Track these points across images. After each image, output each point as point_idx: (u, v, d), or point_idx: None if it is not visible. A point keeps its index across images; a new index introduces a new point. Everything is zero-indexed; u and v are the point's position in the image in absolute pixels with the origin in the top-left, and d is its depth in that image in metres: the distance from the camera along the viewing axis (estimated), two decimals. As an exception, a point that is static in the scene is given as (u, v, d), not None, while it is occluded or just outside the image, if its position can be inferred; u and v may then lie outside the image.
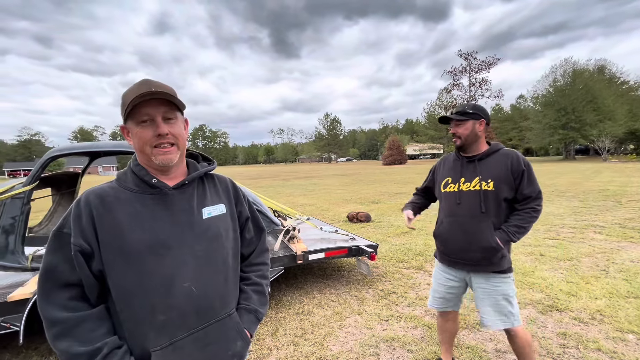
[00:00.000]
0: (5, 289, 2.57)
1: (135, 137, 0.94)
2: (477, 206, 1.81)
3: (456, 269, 1.97)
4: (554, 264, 4.23)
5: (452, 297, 2.04)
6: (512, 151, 1.86)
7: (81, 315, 0.86)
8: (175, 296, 0.91)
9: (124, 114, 0.92)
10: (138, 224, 0.91)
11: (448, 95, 49.01)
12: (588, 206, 8.21)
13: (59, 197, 4.16)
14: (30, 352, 2.65)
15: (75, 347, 0.83)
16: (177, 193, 0.99)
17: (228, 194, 1.13)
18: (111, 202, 0.91)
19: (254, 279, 1.16)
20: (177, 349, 0.91)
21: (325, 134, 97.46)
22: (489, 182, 1.80)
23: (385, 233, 6.27)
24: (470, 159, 1.91)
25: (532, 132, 47.87)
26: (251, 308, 1.09)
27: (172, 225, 0.95)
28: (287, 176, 28.63)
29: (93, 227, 0.88)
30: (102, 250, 0.88)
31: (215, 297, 0.99)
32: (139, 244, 0.89)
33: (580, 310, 2.99)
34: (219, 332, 0.98)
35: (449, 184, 1.95)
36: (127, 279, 0.89)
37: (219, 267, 1.02)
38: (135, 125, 0.93)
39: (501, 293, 1.84)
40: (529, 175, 1.79)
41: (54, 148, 3.06)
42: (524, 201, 1.80)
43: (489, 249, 1.77)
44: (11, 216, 2.79)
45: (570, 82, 43.03)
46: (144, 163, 0.99)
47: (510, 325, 1.85)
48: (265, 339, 2.74)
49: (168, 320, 0.91)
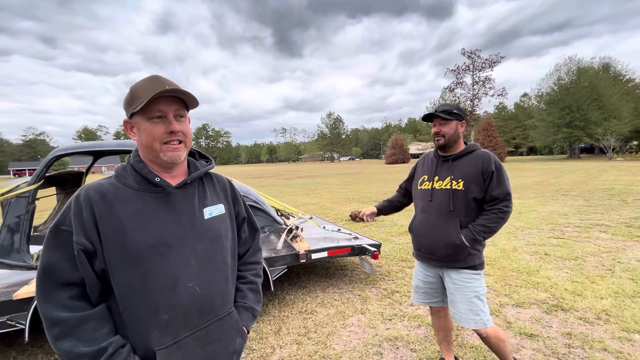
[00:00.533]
0: (10, 288, 2.59)
1: (144, 133, 0.92)
2: (446, 204, 1.87)
3: (429, 265, 2.04)
4: (559, 263, 4.20)
5: (434, 292, 2.09)
6: (485, 152, 1.90)
7: (83, 315, 0.85)
8: (179, 296, 0.92)
9: (132, 108, 0.90)
10: (141, 223, 0.90)
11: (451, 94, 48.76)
12: (593, 205, 8.14)
13: (63, 196, 4.18)
14: (35, 349, 2.67)
15: (78, 348, 0.82)
16: (180, 192, 0.99)
17: (226, 194, 1.14)
18: (112, 200, 0.90)
19: (249, 277, 1.17)
20: (180, 347, 0.92)
21: (327, 133, 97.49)
22: (459, 182, 1.85)
23: (389, 232, 6.26)
24: (445, 158, 1.96)
25: (536, 131, 47.57)
26: (248, 306, 1.11)
27: (174, 225, 0.95)
28: (290, 175, 28.65)
29: (95, 225, 0.87)
30: (105, 249, 0.87)
31: (216, 296, 1.00)
32: (142, 243, 0.89)
33: (586, 310, 2.97)
34: (220, 330, 1.00)
35: (425, 182, 2.02)
36: (131, 278, 0.88)
37: (219, 267, 1.02)
38: (145, 120, 0.92)
39: (472, 290, 1.87)
40: (499, 176, 1.82)
41: (58, 147, 3.08)
42: (492, 202, 1.84)
43: (453, 245, 1.83)
44: (16, 215, 2.81)
45: (575, 80, 42.67)
46: (148, 159, 0.97)
47: (482, 326, 1.86)
48: (268, 337, 2.74)
49: (172, 319, 0.91)
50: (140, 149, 0.97)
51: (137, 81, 0.95)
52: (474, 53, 46.37)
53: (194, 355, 0.94)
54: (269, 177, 28.13)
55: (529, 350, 2.42)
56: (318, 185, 17.83)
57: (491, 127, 46.23)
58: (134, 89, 0.92)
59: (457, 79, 47.61)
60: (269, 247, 3.54)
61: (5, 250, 2.76)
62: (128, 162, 0.99)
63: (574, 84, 42.57)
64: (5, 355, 2.61)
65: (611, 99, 40.39)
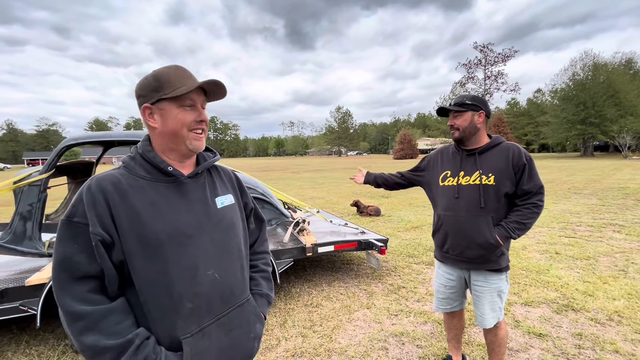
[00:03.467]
0: (23, 274, 2.65)
1: (174, 119, 0.92)
2: (476, 201, 1.76)
3: (454, 268, 1.94)
4: (570, 263, 4.11)
5: (455, 296, 2.01)
6: (513, 144, 1.81)
7: (106, 308, 0.84)
8: (201, 284, 0.93)
9: (161, 94, 0.90)
10: (157, 212, 0.90)
11: (462, 88, 47.93)
12: (607, 204, 7.94)
13: (74, 186, 4.25)
14: (47, 334, 2.74)
15: (103, 341, 0.81)
16: (192, 182, 0.99)
17: (233, 185, 1.15)
18: (126, 190, 0.88)
19: (260, 266, 1.21)
20: (205, 335, 0.93)
21: (336, 127, 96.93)
22: (490, 176, 1.75)
23: (396, 227, 6.22)
24: (470, 152, 1.85)
25: (548, 127, 46.42)
26: (263, 293, 1.16)
27: (190, 214, 0.95)
28: (297, 169, 28.67)
29: (111, 215, 0.85)
30: (122, 240, 0.86)
31: (235, 283, 1.03)
32: (162, 233, 0.88)
33: (597, 311, 2.90)
34: (241, 316, 1.03)
35: (448, 178, 1.89)
36: (152, 269, 0.87)
37: (235, 255, 1.05)
38: (176, 107, 0.92)
39: (497, 290, 1.83)
40: (531, 169, 1.73)
41: (69, 137, 3.11)
42: (525, 196, 1.75)
43: (487, 245, 1.74)
44: (28, 203, 2.85)
45: (591, 75, 41.41)
46: (163, 148, 0.96)
47: (499, 320, 1.86)
48: (274, 329, 2.76)
49: (195, 307, 0.92)
50: (160, 136, 0.95)
51: (158, 68, 0.95)
52: (487, 47, 45.43)
53: (218, 341, 0.95)
54: (276, 170, 28.19)
55: (537, 350, 2.38)
56: (325, 179, 17.80)
57: (502, 124, 45.41)
58: (162, 75, 0.92)
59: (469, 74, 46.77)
60: (276, 239, 3.54)
61: (17, 238, 2.82)
62: (136, 152, 0.97)
63: (590, 80, 41.32)
64: (18, 339, 2.69)
65: (629, 96, 39.11)
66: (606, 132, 39.75)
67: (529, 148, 65.72)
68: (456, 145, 1.93)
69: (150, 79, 0.93)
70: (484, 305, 1.85)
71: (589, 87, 40.57)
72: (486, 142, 1.84)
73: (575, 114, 41.27)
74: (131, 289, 0.89)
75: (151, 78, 0.93)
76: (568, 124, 42.19)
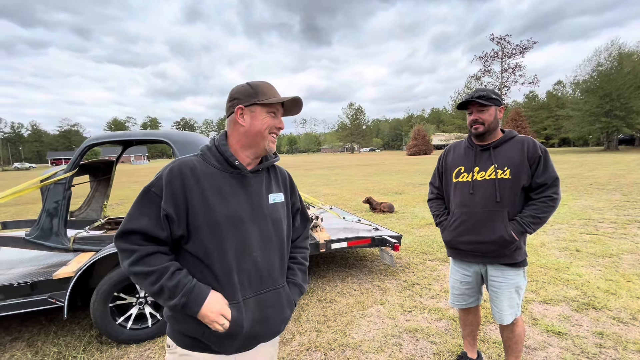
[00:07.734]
0: (50, 268, 2.78)
1: (261, 121, 1.11)
2: (492, 196, 1.75)
3: (470, 264, 1.92)
4: (592, 260, 3.99)
5: (471, 292, 1.99)
6: (527, 137, 1.78)
7: (154, 248, 1.03)
8: (247, 262, 1.10)
9: (256, 100, 1.10)
10: (221, 197, 1.07)
11: (477, 82, 46.71)
12: (632, 200, 7.63)
13: (96, 184, 4.40)
14: (73, 325, 2.87)
15: (148, 268, 1.00)
16: (253, 176, 1.15)
17: (286, 185, 1.30)
18: (200, 174, 1.07)
19: (299, 259, 1.33)
20: (245, 305, 1.09)
21: (348, 123, 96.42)
22: (506, 170, 1.73)
23: (409, 224, 6.17)
24: (484, 147, 1.82)
25: (570, 121, 44.62)
26: (297, 282, 1.27)
27: (247, 204, 1.11)
28: (310, 166, 28.73)
29: (184, 194, 1.03)
30: (190, 215, 1.04)
31: (274, 269, 1.17)
32: (222, 215, 1.06)
33: (620, 310, 2.81)
34: (275, 298, 1.16)
35: (462, 173, 1.87)
36: (211, 242, 1.05)
37: (277, 246, 1.18)
38: (265, 112, 1.12)
39: (515, 285, 1.81)
40: (546, 161, 1.70)
41: (91, 137, 3.23)
42: (539, 189, 1.71)
43: (502, 241, 1.72)
44: (55, 200, 2.99)
45: (617, 66, 39.52)
46: (240, 145, 1.13)
47: (516, 316, 1.84)
48: (288, 324, 2.80)
49: (241, 280, 1.09)
50: (244, 134, 1.12)
51: (252, 81, 1.17)
52: (504, 39, 44.05)
53: (253, 313, 1.10)
54: (289, 167, 28.23)
55: (556, 349, 2.33)
56: (338, 176, 17.78)
57: (520, 118, 44.03)
58: (258, 86, 1.13)
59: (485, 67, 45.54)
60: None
61: (45, 233, 2.96)
62: (213, 144, 1.15)
63: (616, 70, 39.43)
64: (47, 329, 2.83)
65: (656, 87, 37.23)
66: (632, 125, 37.95)
67: (548, 142, 63.67)
68: (470, 140, 1.91)
69: (246, 86, 1.13)
70: (502, 301, 1.83)
71: (614, 78, 38.74)
72: (500, 136, 1.82)
73: (599, 107, 39.48)
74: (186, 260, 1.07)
75: (247, 86, 1.13)
76: (591, 116, 40.43)
